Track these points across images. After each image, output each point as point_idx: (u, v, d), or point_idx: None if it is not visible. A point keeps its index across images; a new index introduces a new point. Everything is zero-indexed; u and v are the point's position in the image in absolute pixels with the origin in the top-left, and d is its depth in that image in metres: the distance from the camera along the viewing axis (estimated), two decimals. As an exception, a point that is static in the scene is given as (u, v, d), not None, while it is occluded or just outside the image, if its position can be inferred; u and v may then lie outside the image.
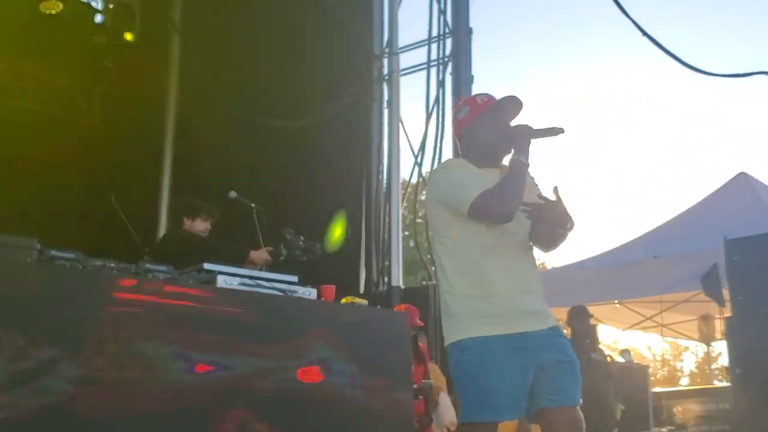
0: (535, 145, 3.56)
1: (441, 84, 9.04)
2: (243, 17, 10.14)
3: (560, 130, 3.55)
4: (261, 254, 6.33)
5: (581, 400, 3.60)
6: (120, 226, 6.72)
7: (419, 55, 9.44)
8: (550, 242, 3.72)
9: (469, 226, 3.51)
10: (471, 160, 3.67)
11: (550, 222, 3.60)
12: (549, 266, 25.32)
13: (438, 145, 9.15)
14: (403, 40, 9.43)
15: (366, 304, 6.19)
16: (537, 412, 3.50)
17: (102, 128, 11.23)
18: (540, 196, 3.62)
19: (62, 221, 10.30)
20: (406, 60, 9.45)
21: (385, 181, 9.09)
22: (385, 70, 9.33)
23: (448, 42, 9.11)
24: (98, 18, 10.71)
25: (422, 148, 9.16)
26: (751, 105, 52.32)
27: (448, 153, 9.05)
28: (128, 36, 10.12)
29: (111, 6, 10.18)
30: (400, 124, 9.11)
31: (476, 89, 8.85)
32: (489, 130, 3.64)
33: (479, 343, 3.43)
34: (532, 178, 3.72)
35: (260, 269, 6.01)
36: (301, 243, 6.48)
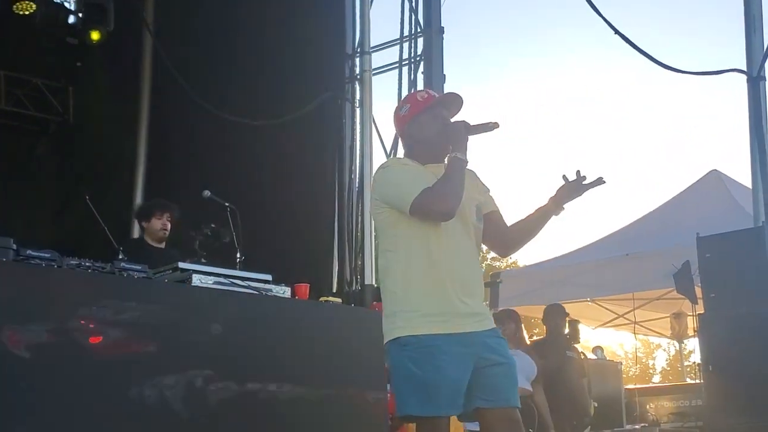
0: (475, 141, 3.60)
1: (413, 83, 9.09)
2: (214, 16, 10.16)
3: (495, 125, 3.60)
4: None
5: (519, 403, 3.58)
6: (95, 225, 6.74)
7: (391, 55, 9.50)
8: (513, 248, 3.83)
9: (412, 225, 3.53)
10: (413, 157, 3.71)
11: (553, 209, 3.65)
12: (521, 264, 25.46)
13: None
14: (374, 39, 9.47)
15: (340, 303, 6.26)
16: (472, 411, 3.51)
17: (76, 128, 11.22)
18: (564, 177, 3.65)
19: (37, 221, 10.31)
20: (377, 59, 9.50)
21: (357, 180, 9.12)
22: (357, 70, 9.35)
23: (420, 41, 9.16)
24: (71, 18, 10.69)
25: (395, 146, 9.22)
26: (726, 104, 52.80)
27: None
28: (98, 35, 10.08)
29: (83, 6, 10.14)
30: (373, 124, 9.15)
31: (448, 88, 8.92)
32: (428, 127, 3.67)
33: (420, 340, 3.45)
34: (476, 175, 3.78)
35: None
36: (208, 231, 6.72)
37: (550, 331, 8.60)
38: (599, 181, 3.66)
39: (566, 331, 8.61)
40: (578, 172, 3.66)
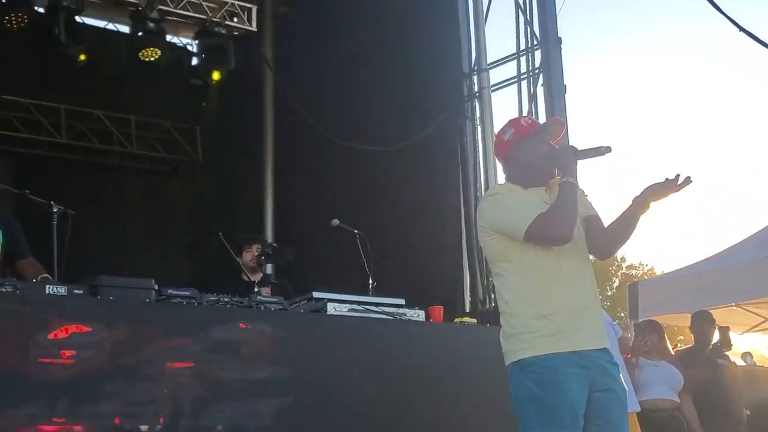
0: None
1: (533, 97, 8.98)
2: (331, 47, 10.30)
3: (607, 149, 3.62)
4: None
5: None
6: (229, 260, 6.87)
7: (509, 70, 9.42)
8: (609, 251, 3.80)
9: (527, 250, 3.57)
10: (515, 181, 3.74)
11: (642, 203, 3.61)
12: (658, 271, 24.83)
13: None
14: (491, 55, 9.41)
15: (476, 323, 6.21)
16: None
17: (205, 166, 11.53)
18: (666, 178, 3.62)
19: (173, 259, 10.63)
20: (495, 75, 9.43)
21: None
22: (476, 88, 9.31)
23: (537, 54, 9.06)
24: (194, 61, 11.05)
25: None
26: None
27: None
28: (219, 75, 10.41)
29: (205, 48, 10.46)
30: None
31: (569, 99, 8.81)
32: (533, 151, 3.70)
33: (541, 360, 3.47)
34: (585, 196, 3.80)
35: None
36: (269, 251, 6.85)
37: (698, 339, 8.31)
38: (687, 181, 3.59)
39: (716, 338, 8.30)
40: (678, 175, 3.60)
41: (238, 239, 7.25)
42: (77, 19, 9.59)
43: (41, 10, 9.57)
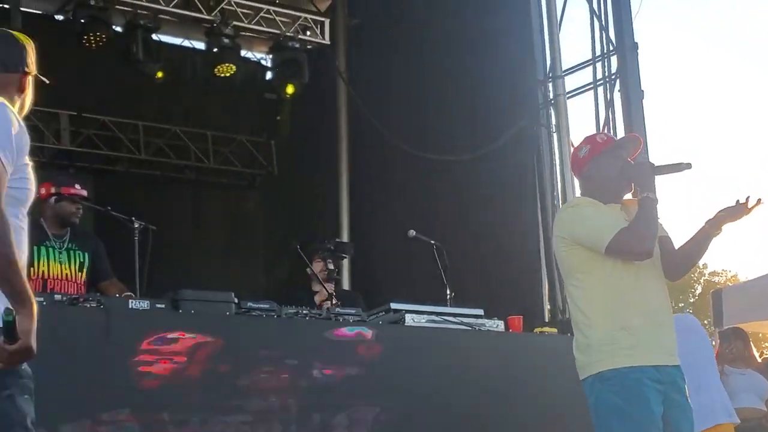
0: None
1: (610, 103, 8.87)
2: (404, 57, 10.31)
3: (687, 166, 3.65)
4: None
5: None
6: (304, 272, 6.90)
7: (585, 76, 9.32)
8: (680, 272, 3.81)
9: (605, 262, 3.56)
10: (593, 197, 3.73)
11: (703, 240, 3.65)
12: (742, 278, 24.30)
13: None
14: (566, 62, 9.33)
15: (556, 333, 6.15)
16: None
17: (280, 179, 11.63)
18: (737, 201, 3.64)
19: (251, 272, 10.74)
20: (571, 82, 9.34)
21: (560, 205, 8.97)
22: (551, 95, 9.23)
23: (614, 59, 8.95)
24: (268, 75, 11.17)
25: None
26: None
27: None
28: (293, 88, 10.52)
29: (279, 62, 10.58)
30: (572, 148, 8.99)
31: (647, 105, 8.68)
32: (609, 168, 3.71)
33: (621, 373, 3.47)
34: None
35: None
36: (331, 246, 6.77)
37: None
38: (758, 203, 3.62)
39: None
40: (748, 198, 3.63)
41: (308, 250, 7.21)
42: (154, 37, 9.76)
43: (119, 29, 9.77)
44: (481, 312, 5.59)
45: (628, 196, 3.77)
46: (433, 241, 6.56)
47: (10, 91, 2.76)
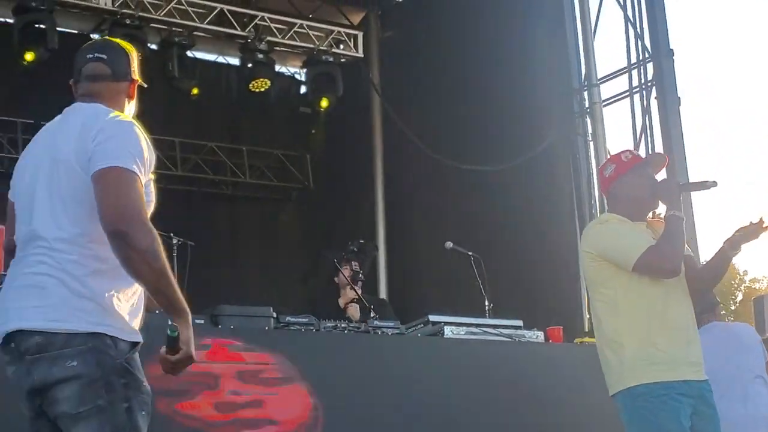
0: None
1: (646, 110, 8.81)
2: (438, 70, 10.31)
3: (713, 184, 3.70)
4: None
5: None
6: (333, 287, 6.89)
7: (620, 84, 9.27)
8: (706, 287, 3.87)
9: (632, 278, 3.58)
10: (620, 215, 3.74)
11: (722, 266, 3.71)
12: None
13: (650, 171, 8.90)
14: (601, 70, 9.29)
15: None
16: None
17: (316, 193, 11.65)
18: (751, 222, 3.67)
19: (287, 285, 10.75)
20: (607, 90, 9.29)
21: (598, 214, 8.91)
22: (586, 103, 9.19)
23: (649, 66, 8.89)
24: (303, 89, 11.21)
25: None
26: None
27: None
28: (327, 102, 10.56)
29: (313, 76, 10.61)
30: (608, 156, 8.94)
31: (683, 111, 8.62)
32: (634, 186, 3.73)
33: (651, 389, 3.48)
34: None
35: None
36: (355, 248, 6.69)
37: None
38: None
39: None
40: (761, 219, 3.67)
41: (332, 257, 7.07)
42: (189, 54, 9.84)
43: (154, 46, 9.85)
44: (520, 323, 5.56)
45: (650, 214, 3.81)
46: (470, 253, 6.53)
47: (121, 99, 2.85)
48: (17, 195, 2.79)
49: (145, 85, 2.96)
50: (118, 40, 2.99)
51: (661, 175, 3.84)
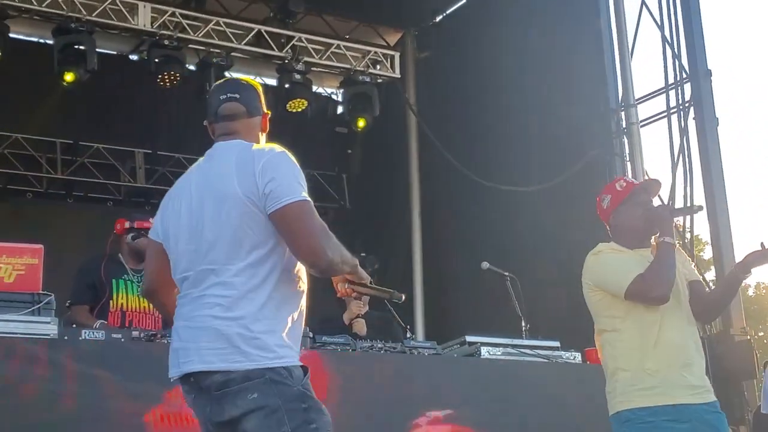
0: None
1: (684, 131, 8.76)
2: (474, 88, 10.32)
3: (699, 208, 3.95)
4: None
5: None
6: (375, 307, 6.88)
7: (658, 104, 9.23)
8: (713, 315, 4.05)
9: (630, 307, 3.64)
10: (621, 243, 3.81)
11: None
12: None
13: (688, 193, 8.85)
14: (638, 90, 9.26)
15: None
16: None
17: (353, 213, 11.67)
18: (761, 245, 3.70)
19: (324, 305, 10.74)
20: (644, 110, 9.26)
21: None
22: (624, 123, 9.15)
23: (687, 87, 8.84)
24: (339, 109, 11.26)
25: (671, 197, 8.90)
26: None
27: (699, 200, 8.75)
28: (364, 122, 10.58)
29: (350, 96, 10.65)
30: (645, 176, 8.89)
31: (722, 131, 8.56)
32: (631, 216, 3.79)
33: (637, 415, 3.52)
34: (690, 263, 3.92)
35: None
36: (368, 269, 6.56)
37: None
38: None
39: None
40: (762, 244, 3.72)
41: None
42: (227, 74, 9.92)
43: (192, 67, 9.95)
44: (557, 344, 5.53)
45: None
46: (506, 273, 6.51)
47: (256, 133, 3.09)
48: (169, 237, 2.92)
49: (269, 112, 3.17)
50: (245, 78, 3.29)
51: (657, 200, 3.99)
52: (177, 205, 2.94)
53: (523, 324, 6.19)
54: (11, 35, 9.01)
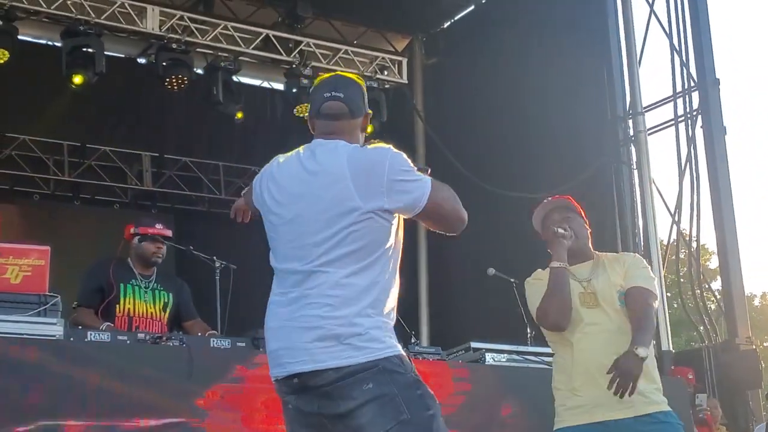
0: None
1: (691, 139, 8.76)
2: (481, 94, 10.32)
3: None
4: None
5: None
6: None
7: (665, 112, 9.23)
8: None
9: (554, 332, 3.68)
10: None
11: None
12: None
13: (695, 201, 8.85)
14: (646, 98, 9.25)
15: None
16: None
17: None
18: None
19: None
20: (651, 119, 9.26)
21: (642, 243, 8.86)
22: (631, 131, 9.15)
23: (695, 95, 8.84)
24: (346, 114, 11.25)
25: (678, 206, 8.90)
26: None
27: (706, 209, 8.76)
28: (371, 127, 10.56)
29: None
30: (653, 184, 8.89)
31: (729, 141, 8.56)
32: (545, 236, 3.84)
33: None
34: (641, 267, 3.73)
35: None
36: None
37: None
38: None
39: None
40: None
41: None
42: (234, 78, 9.93)
43: (200, 71, 9.96)
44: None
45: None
46: (512, 279, 6.50)
47: (357, 133, 2.98)
48: (273, 222, 2.91)
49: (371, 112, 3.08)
50: (349, 74, 3.08)
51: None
52: (276, 200, 2.93)
53: (528, 330, 6.18)
54: (20, 37, 9.01)
